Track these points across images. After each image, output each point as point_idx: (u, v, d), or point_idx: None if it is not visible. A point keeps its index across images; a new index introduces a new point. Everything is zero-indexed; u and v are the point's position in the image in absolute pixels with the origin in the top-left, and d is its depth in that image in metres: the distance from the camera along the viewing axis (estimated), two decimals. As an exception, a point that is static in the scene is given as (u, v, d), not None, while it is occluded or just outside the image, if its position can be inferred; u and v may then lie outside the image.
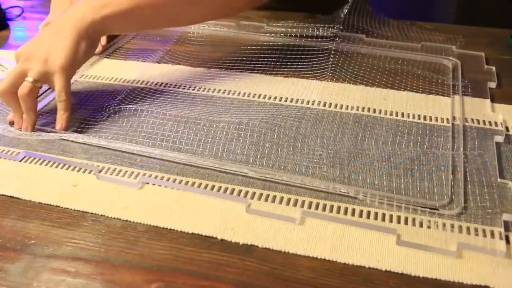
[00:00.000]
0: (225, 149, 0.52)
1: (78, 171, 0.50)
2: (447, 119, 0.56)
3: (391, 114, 0.57)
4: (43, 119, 0.58)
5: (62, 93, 0.55)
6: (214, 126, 0.55)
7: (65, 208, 0.46)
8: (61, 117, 0.55)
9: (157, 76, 0.66)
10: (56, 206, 0.46)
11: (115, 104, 0.60)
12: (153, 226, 0.44)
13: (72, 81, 0.66)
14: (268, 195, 0.46)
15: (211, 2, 0.60)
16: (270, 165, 0.50)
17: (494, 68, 0.66)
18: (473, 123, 0.56)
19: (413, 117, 0.57)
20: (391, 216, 0.44)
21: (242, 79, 0.65)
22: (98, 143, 0.53)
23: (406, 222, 0.43)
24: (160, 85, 0.64)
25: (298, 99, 0.60)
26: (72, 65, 0.55)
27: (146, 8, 0.56)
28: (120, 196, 0.47)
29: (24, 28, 0.84)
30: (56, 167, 0.51)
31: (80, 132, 0.55)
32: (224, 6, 0.62)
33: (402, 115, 0.57)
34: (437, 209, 0.44)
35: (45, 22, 0.73)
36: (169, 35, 0.78)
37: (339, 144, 0.52)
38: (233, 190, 0.47)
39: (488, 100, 0.60)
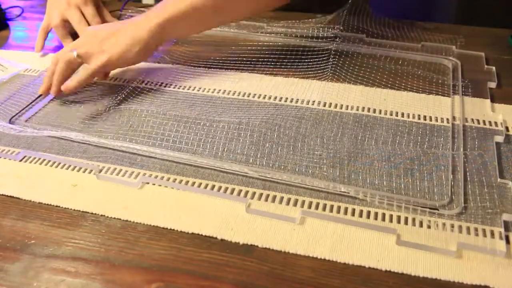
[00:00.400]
0: (225, 149, 0.52)
1: (78, 171, 0.50)
2: (447, 119, 0.56)
3: (391, 114, 0.57)
4: (43, 118, 0.58)
5: (90, 73, 0.60)
6: (214, 126, 0.55)
7: (65, 208, 0.46)
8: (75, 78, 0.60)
9: (157, 76, 0.66)
10: (56, 206, 0.46)
11: (115, 104, 0.60)
12: (153, 226, 0.44)
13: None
14: (268, 195, 0.46)
15: None
16: (270, 165, 0.50)
17: (494, 68, 0.66)
18: (473, 123, 0.56)
19: (413, 117, 0.57)
20: (391, 216, 0.44)
21: (242, 79, 0.65)
22: (98, 141, 0.53)
23: (406, 222, 0.43)
24: (160, 85, 0.64)
25: (298, 99, 0.60)
26: (116, 63, 0.60)
27: (201, 7, 0.59)
28: (120, 196, 0.47)
29: (24, 28, 0.84)
30: (56, 167, 0.51)
31: (80, 132, 0.55)
32: None
33: (402, 115, 0.57)
34: (437, 209, 0.44)
35: (44, 24, 0.72)
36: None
37: (339, 144, 0.52)
38: (233, 190, 0.47)
39: (488, 100, 0.60)
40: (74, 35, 0.72)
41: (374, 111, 0.58)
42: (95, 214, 0.45)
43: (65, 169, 0.50)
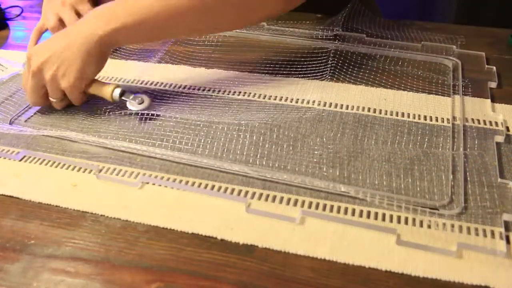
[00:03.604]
0: (225, 149, 0.52)
1: (78, 171, 0.50)
2: (447, 119, 0.56)
3: (391, 114, 0.57)
4: (42, 118, 0.58)
5: (76, 103, 0.59)
6: (214, 126, 0.55)
7: (65, 208, 0.46)
8: (60, 105, 0.59)
9: (157, 77, 0.66)
10: (56, 206, 0.46)
11: (115, 104, 0.60)
12: (153, 226, 0.44)
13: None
14: (268, 195, 0.46)
15: (225, 12, 0.58)
16: (270, 165, 0.50)
17: (494, 68, 0.66)
18: (474, 123, 0.56)
19: (413, 117, 0.57)
20: (391, 216, 0.44)
21: (242, 79, 0.65)
22: (98, 141, 0.53)
23: (406, 222, 0.43)
24: (160, 85, 0.64)
25: (298, 99, 0.60)
26: (81, 82, 0.56)
27: (157, 19, 0.54)
28: (120, 196, 0.47)
29: (23, 28, 0.84)
30: (56, 166, 0.51)
31: (80, 132, 0.55)
32: (237, 19, 0.60)
33: (402, 115, 0.57)
34: (437, 209, 0.44)
35: (38, 25, 0.71)
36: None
37: (339, 144, 0.52)
38: (233, 190, 0.47)
39: (489, 100, 0.59)
40: None
41: (374, 111, 0.58)
42: (95, 214, 0.45)
43: (65, 169, 0.50)
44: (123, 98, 0.57)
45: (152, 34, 0.57)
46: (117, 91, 0.56)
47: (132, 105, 0.57)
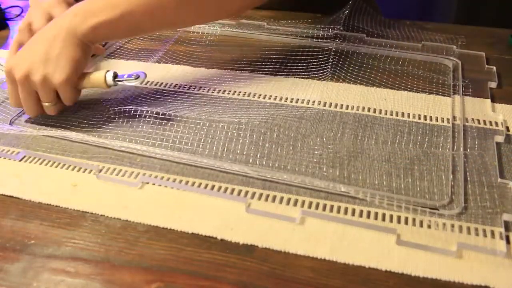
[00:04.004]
0: (225, 149, 0.52)
1: (78, 170, 0.50)
2: (448, 119, 0.56)
3: (391, 114, 0.57)
4: (43, 118, 0.58)
5: (69, 102, 0.57)
6: (214, 126, 0.55)
7: (65, 208, 0.46)
8: (54, 109, 0.56)
9: (157, 76, 0.66)
10: (56, 206, 0.46)
11: (115, 105, 0.60)
12: (153, 226, 0.44)
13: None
14: (268, 195, 0.46)
15: (203, 4, 0.58)
16: (270, 165, 0.50)
17: (494, 68, 0.66)
18: (474, 123, 0.56)
19: (413, 117, 0.57)
20: (391, 216, 0.44)
21: (242, 79, 0.65)
22: (98, 141, 0.53)
23: (406, 222, 0.43)
24: (160, 85, 0.64)
25: (298, 99, 0.60)
26: (73, 73, 0.54)
27: (137, 14, 0.54)
28: (120, 196, 0.47)
29: (24, 28, 0.84)
30: (56, 166, 0.51)
31: (80, 132, 0.55)
32: (217, 9, 0.60)
33: (402, 115, 0.57)
34: (437, 209, 0.44)
35: (24, 23, 0.67)
36: (169, 34, 0.78)
37: (339, 144, 0.52)
38: (233, 190, 0.47)
39: (489, 100, 0.60)
40: None
41: (374, 111, 0.58)
42: (95, 214, 0.45)
43: (65, 169, 0.50)
44: (117, 79, 0.56)
45: (132, 29, 0.57)
46: (110, 74, 0.55)
47: (130, 81, 0.56)
